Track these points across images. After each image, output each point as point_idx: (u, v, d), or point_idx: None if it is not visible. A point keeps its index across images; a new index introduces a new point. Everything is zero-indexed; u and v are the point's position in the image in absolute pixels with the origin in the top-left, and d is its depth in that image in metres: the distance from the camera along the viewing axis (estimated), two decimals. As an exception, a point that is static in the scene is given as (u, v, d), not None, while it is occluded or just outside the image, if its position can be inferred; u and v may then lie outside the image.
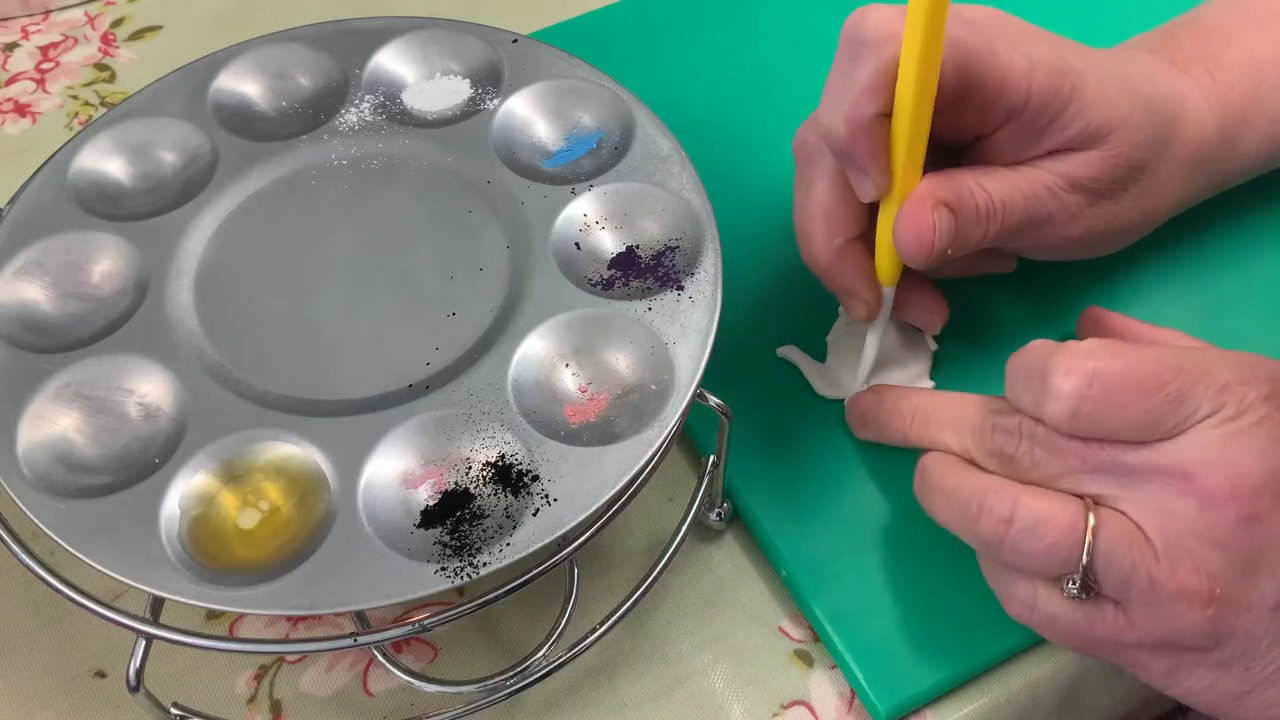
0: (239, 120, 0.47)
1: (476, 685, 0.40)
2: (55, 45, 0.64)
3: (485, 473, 0.38)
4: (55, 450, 0.38)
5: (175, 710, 0.39)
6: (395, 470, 0.38)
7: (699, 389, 0.40)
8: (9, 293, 0.42)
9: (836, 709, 0.43)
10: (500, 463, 0.38)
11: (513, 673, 0.40)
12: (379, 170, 0.45)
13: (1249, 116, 0.47)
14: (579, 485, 0.37)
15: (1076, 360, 0.36)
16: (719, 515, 0.46)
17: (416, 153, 0.46)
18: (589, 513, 0.37)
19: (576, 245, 0.43)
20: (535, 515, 0.37)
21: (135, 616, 0.37)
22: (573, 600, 0.41)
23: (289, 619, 0.44)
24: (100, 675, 0.43)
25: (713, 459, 0.43)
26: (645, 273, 0.42)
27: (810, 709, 0.43)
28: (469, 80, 0.48)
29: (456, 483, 0.38)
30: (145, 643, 0.37)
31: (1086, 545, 0.36)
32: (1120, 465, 0.37)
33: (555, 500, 0.37)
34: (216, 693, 0.43)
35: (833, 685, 0.43)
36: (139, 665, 0.37)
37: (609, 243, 0.43)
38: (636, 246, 0.43)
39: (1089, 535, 0.36)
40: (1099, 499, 0.37)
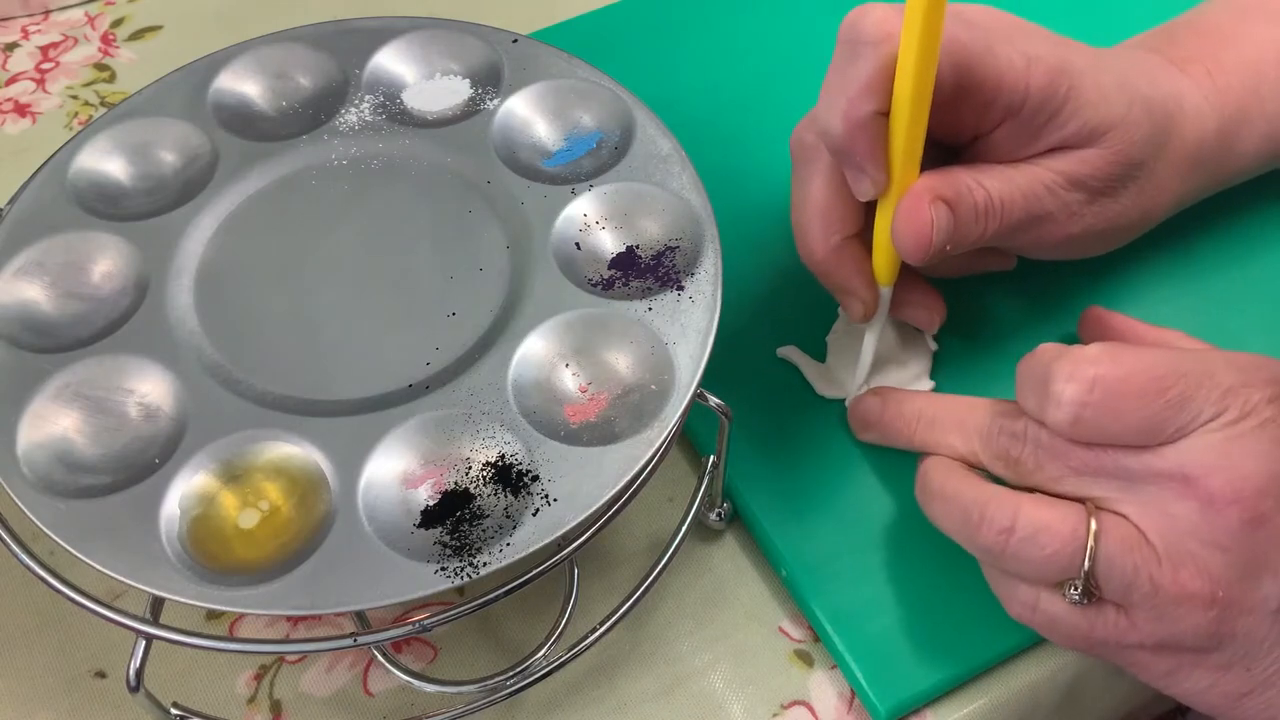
0: (239, 120, 0.47)
1: (476, 685, 0.40)
2: (55, 45, 0.64)
3: (485, 473, 0.38)
4: (55, 450, 0.38)
5: (175, 710, 0.39)
6: (395, 470, 0.38)
7: (699, 389, 0.40)
8: (9, 293, 0.42)
9: (836, 709, 0.43)
10: (500, 463, 0.38)
11: (513, 673, 0.40)
12: (379, 170, 0.45)
13: (1248, 116, 0.47)
14: (579, 485, 0.37)
15: (1078, 366, 0.36)
16: (719, 515, 0.46)
17: (416, 153, 0.46)
18: (589, 513, 0.37)
19: (576, 245, 0.43)
20: (535, 515, 0.37)
21: (135, 616, 0.37)
22: (573, 600, 0.41)
23: (289, 619, 0.44)
24: (100, 675, 0.43)
25: (713, 459, 0.43)
26: (645, 273, 0.42)
27: (810, 709, 0.43)
28: (469, 80, 0.48)
29: (456, 483, 0.38)
30: (145, 643, 0.37)
31: (1088, 552, 0.36)
32: (1122, 469, 0.37)
33: (555, 500, 0.37)
34: (216, 693, 0.43)
35: (833, 685, 0.43)
36: (139, 665, 0.37)
37: (609, 243, 0.43)
38: (636, 246, 0.43)
39: (1091, 542, 0.36)
40: (1101, 502, 0.37)
